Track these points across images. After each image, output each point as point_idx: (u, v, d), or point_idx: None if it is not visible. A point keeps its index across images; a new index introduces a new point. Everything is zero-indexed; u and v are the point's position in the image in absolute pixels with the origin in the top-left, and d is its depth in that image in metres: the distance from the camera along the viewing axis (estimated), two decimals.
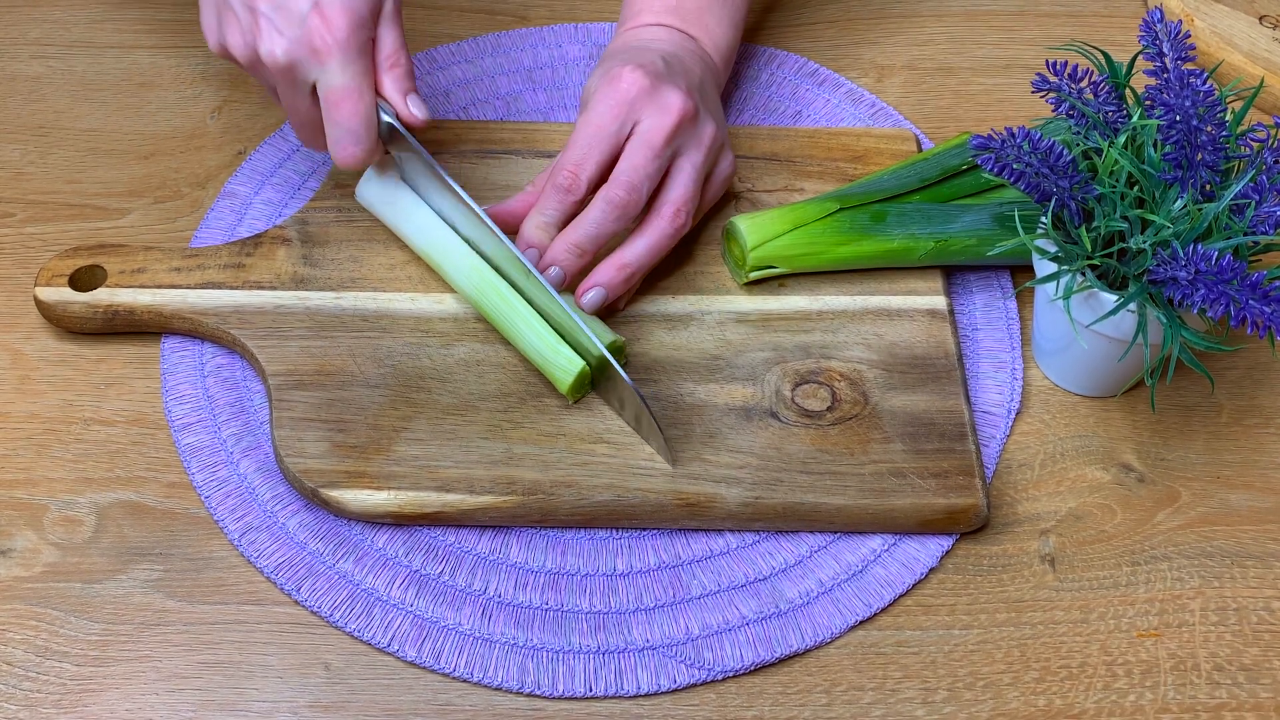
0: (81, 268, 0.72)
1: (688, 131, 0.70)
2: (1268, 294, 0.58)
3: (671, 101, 0.69)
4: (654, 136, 0.69)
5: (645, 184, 0.69)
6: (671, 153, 0.70)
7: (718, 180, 0.73)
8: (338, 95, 0.66)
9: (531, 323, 0.68)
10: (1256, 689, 0.62)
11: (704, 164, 0.71)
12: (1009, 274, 0.76)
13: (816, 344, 0.70)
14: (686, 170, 0.70)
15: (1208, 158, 0.63)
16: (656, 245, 0.69)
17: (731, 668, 0.62)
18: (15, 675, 0.61)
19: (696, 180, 0.70)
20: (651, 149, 0.69)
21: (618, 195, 0.68)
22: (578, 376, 0.66)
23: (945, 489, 0.65)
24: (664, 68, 0.71)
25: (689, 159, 0.70)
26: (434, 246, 0.71)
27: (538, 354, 0.67)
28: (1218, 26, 0.86)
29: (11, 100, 0.84)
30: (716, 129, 0.72)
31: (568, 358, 0.66)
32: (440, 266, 0.71)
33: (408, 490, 0.64)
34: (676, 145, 0.70)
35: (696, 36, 0.77)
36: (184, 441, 0.68)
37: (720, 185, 0.74)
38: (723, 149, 0.73)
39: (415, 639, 0.62)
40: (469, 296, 0.70)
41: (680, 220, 0.70)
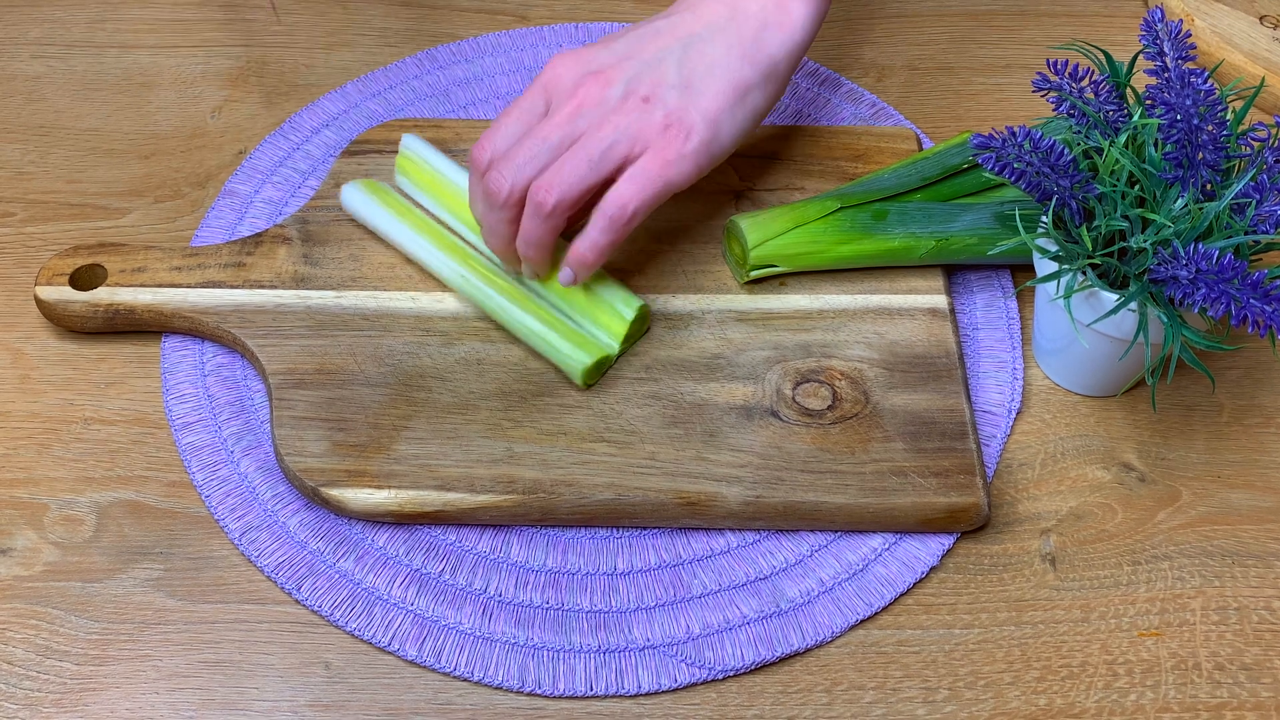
0: (82, 267, 0.72)
1: (588, 112, 0.66)
2: (1268, 293, 0.58)
3: (577, 83, 0.67)
4: (544, 125, 0.66)
5: (513, 174, 0.66)
6: (567, 134, 0.66)
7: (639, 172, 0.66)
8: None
9: (529, 321, 0.68)
10: (1258, 688, 0.62)
11: (600, 145, 0.66)
12: (1010, 273, 0.76)
13: (817, 343, 0.70)
14: (571, 150, 0.66)
15: (1208, 157, 0.63)
16: (526, 232, 0.67)
17: (732, 667, 0.62)
18: (15, 674, 0.61)
19: (581, 159, 0.65)
20: (536, 137, 0.66)
21: (487, 185, 0.66)
22: (585, 371, 0.67)
23: (946, 488, 0.65)
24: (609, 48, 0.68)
25: (581, 141, 0.66)
26: (424, 254, 0.72)
27: (544, 349, 0.68)
28: (1218, 26, 0.86)
29: (11, 100, 0.84)
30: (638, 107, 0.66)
31: (572, 353, 0.67)
32: (434, 274, 0.72)
33: (408, 489, 0.64)
34: (574, 128, 0.66)
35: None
36: (184, 441, 0.68)
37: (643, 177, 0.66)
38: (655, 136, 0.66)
39: (416, 638, 0.62)
40: (469, 298, 0.70)
41: (539, 199, 0.65)
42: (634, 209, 0.66)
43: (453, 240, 0.72)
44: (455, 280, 0.71)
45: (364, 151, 0.78)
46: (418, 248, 0.72)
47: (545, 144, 0.66)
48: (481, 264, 0.71)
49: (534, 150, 0.66)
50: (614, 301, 0.70)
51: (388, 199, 0.74)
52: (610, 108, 0.66)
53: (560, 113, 0.66)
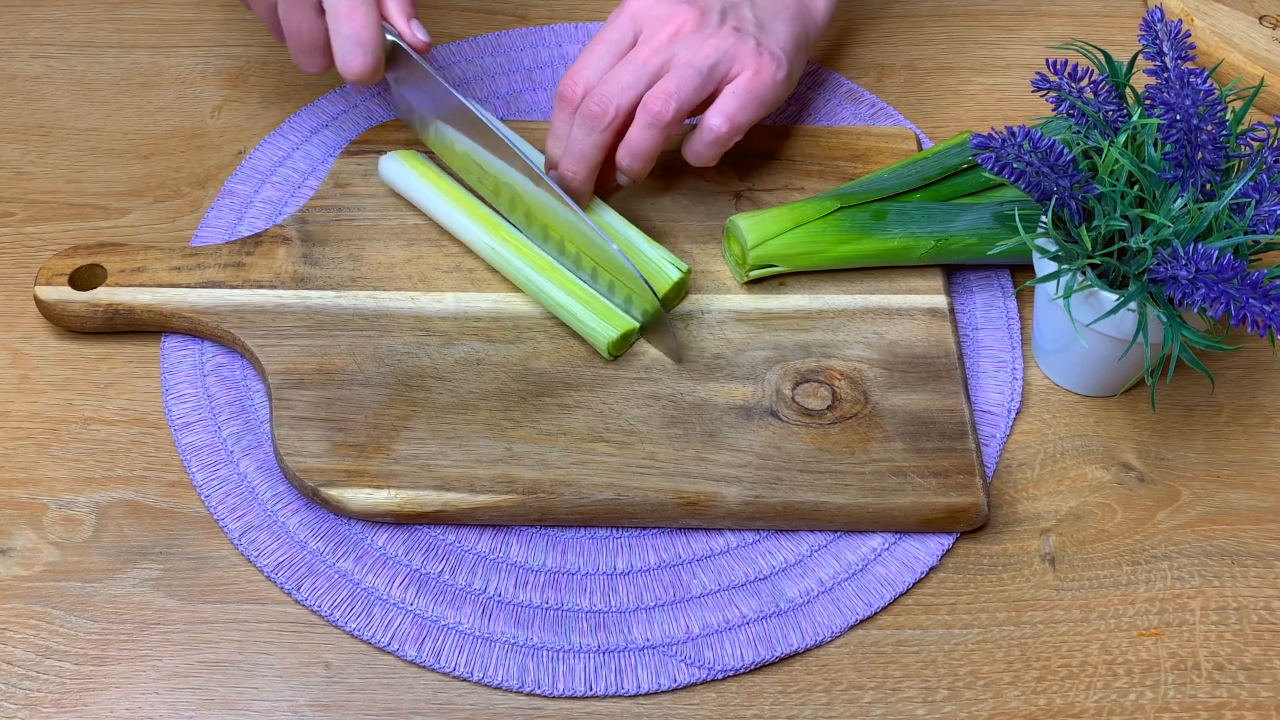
0: (81, 267, 0.72)
1: (685, 38, 0.70)
2: (1268, 293, 0.58)
3: (671, 12, 0.71)
4: (639, 51, 0.70)
5: (618, 95, 0.69)
6: (666, 58, 0.70)
7: (741, 89, 0.71)
8: (346, 6, 0.67)
9: (557, 294, 0.70)
10: (1257, 688, 0.62)
11: (706, 60, 0.70)
12: (1009, 273, 0.76)
13: (817, 343, 0.70)
14: (679, 65, 0.70)
15: (1208, 157, 0.63)
16: (637, 145, 0.69)
17: (732, 667, 0.62)
18: (15, 674, 0.61)
19: (692, 73, 0.69)
20: (636, 62, 0.69)
21: (589, 109, 0.69)
22: (611, 343, 0.69)
23: (946, 488, 0.65)
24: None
25: (685, 57, 0.70)
26: (457, 225, 0.73)
27: (571, 321, 0.70)
28: (1217, 26, 0.86)
29: (11, 100, 0.84)
30: (731, 34, 0.71)
31: (601, 327, 0.69)
32: (467, 244, 0.74)
33: (408, 489, 0.64)
34: (672, 51, 0.70)
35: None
36: (184, 441, 0.68)
37: (746, 94, 0.71)
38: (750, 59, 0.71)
39: (415, 638, 0.62)
40: (499, 270, 0.72)
41: (657, 107, 0.68)
42: (738, 123, 0.70)
43: (485, 212, 0.73)
44: (487, 252, 0.72)
45: (364, 151, 0.78)
46: (451, 219, 0.73)
47: (645, 68, 0.69)
48: (513, 236, 0.72)
49: (636, 74, 0.69)
50: (660, 262, 0.71)
51: (424, 170, 0.75)
52: (708, 34, 0.70)
53: (657, 38, 0.70)
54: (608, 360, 0.69)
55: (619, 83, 0.69)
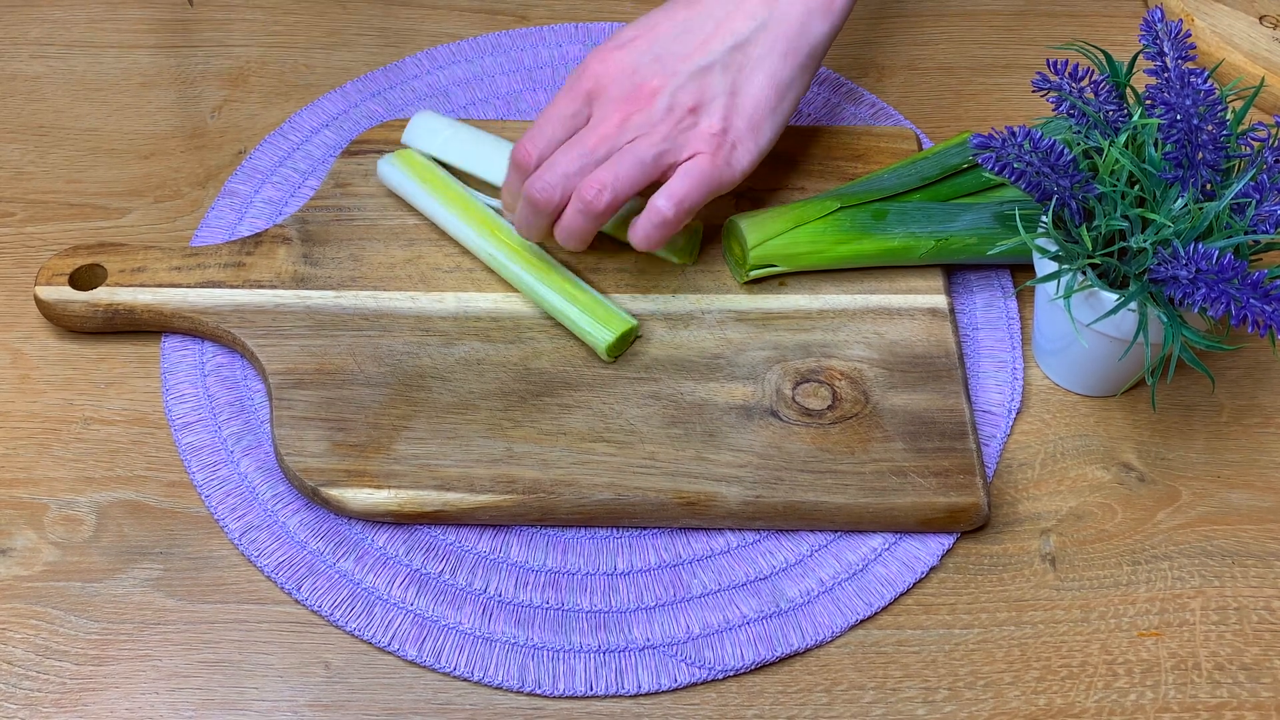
0: (81, 267, 0.72)
1: (636, 125, 0.67)
2: (1268, 293, 0.58)
3: (626, 93, 0.68)
4: (587, 136, 0.67)
5: (561, 183, 0.67)
6: (613, 146, 0.67)
7: (694, 170, 0.67)
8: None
9: (554, 298, 0.70)
10: (1257, 688, 0.62)
11: (651, 150, 0.67)
12: (1009, 273, 0.76)
13: (817, 343, 0.70)
14: (623, 152, 0.67)
15: (1208, 157, 0.63)
16: (569, 226, 0.67)
17: (732, 667, 0.62)
18: (15, 674, 0.61)
19: (633, 162, 0.66)
20: (582, 149, 0.67)
21: (532, 194, 0.67)
22: (609, 346, 0.69)
23: (946, 488, 0.65)
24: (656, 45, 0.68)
25: (632, 144, 0.67)
26: (454, 228, 0.74)
27: (569, 325, 0.70)
28: (1218, 26, 0.86)
29: (11, 100, 0.84)
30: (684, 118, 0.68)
31: (598, 331, 0.69)
32: (465, 246, 0.74)
33: (408, 489, 0.64)
34: (620, 139, 0.67)
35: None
36: (184, 441, 0.68)
37: (699, 176, 0.67)
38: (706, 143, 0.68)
39: (415, 638, 0.62)
40: (497, 272, 0.73)
41: (589, 197, 0.66)
42: (689, 204, 0.67)
43: (484, 214, 0.74)
44: (483, 256, 0.72)
45: (364, 151, 0.78)
46: (448, 223, 0.74)
47: (593, 155, 0.67)
48: (510, 238, 0.73)
49: (580, 162, 0.67)
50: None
51: (422, 171, 0.75)
52: (658, 118, 0.67)
53: (606, 124, 0.67)
54: (608, 361, 0.69)
55: (562, 170, 0.67)
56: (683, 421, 0.67)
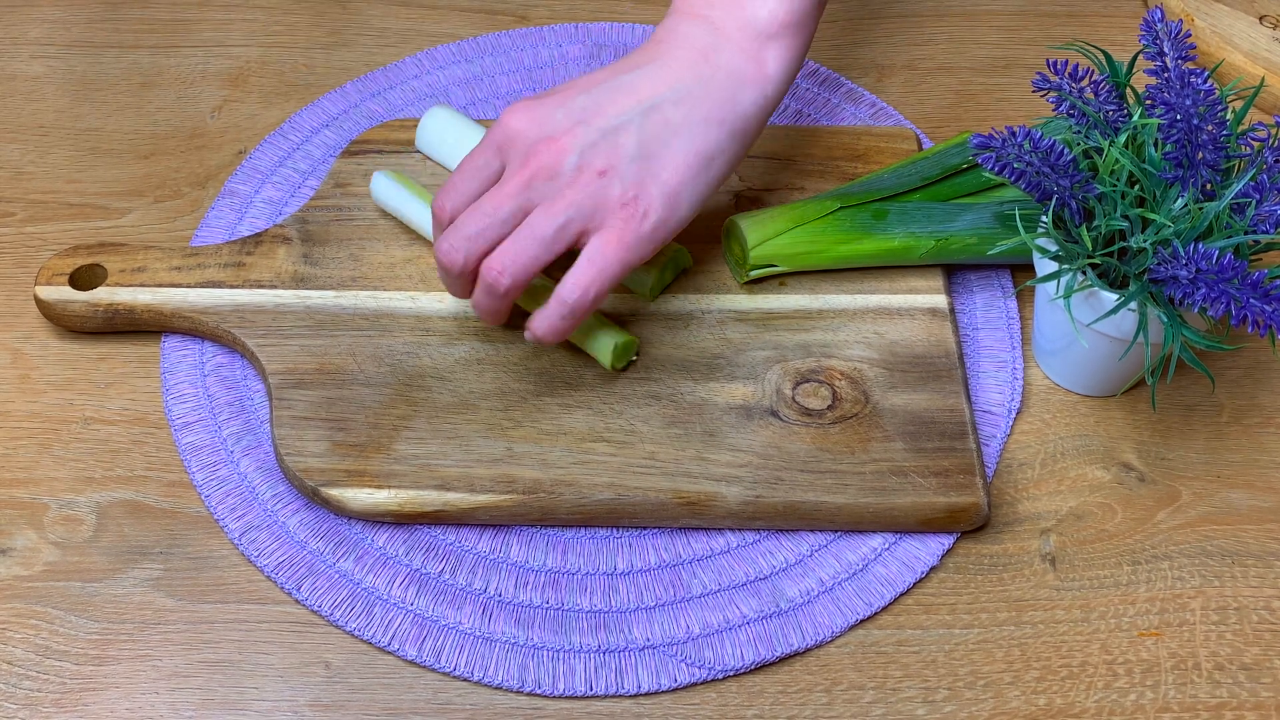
0: (81, 267, 0.72)
1: (541, 184, 0.64)
2: (1268, 293, 0.58)
3: (533, 148, 0.64)
4: (493, 194, 0.64)
5: (465, 245, 0.64)
6: (519, 205, 0.64)
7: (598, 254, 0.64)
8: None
9: None
10: (1258, 688, 0.62)
11: (552, 223, 0.63)
12: (1009, 273, 0.76)
13: (817, 343, 0.70)
14: (522, 228, 0.64)
15: (1208, 157, 0.63)
16: (479, 304, 0.66)
17: (732, 667, 0.62)
18: (15, 674, 0.61)
19: (532, 240, 0.63)
20: (485, 210, 0.64)
21: (441, 257, 0.65)
22: (612, 355, 0.68)
23: (946, 488, 0.65)
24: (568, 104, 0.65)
25: (533, 217, 0.64)
26: None
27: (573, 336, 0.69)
28: (1218, 26, 0.86)
29: (11, 100, 0.84)
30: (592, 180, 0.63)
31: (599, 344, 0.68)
32: None
33: (408, 489, 0.64)
34: (525, 199, 0.64)
35: (720, 19, 0.66)
36: (184, 441, 0.68)
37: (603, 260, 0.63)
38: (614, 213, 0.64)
39: (415, 638, 0.62)
40: None
41: (490, 280, 0.64)
42: (593, 295, 0.64)
43: None
44: None
45: (364, 151, 0.78)
46: None
47: (496, 216, 0.64)
48: None
49: (485, 222, 0.64)
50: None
51: (415, 189, 0.74)
52: (564, 180, 0.63)
53: (511, 182, 0.64)
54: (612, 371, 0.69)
55: (464, 232, 0.64)
56: (683, 421, 0.67)
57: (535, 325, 0.65)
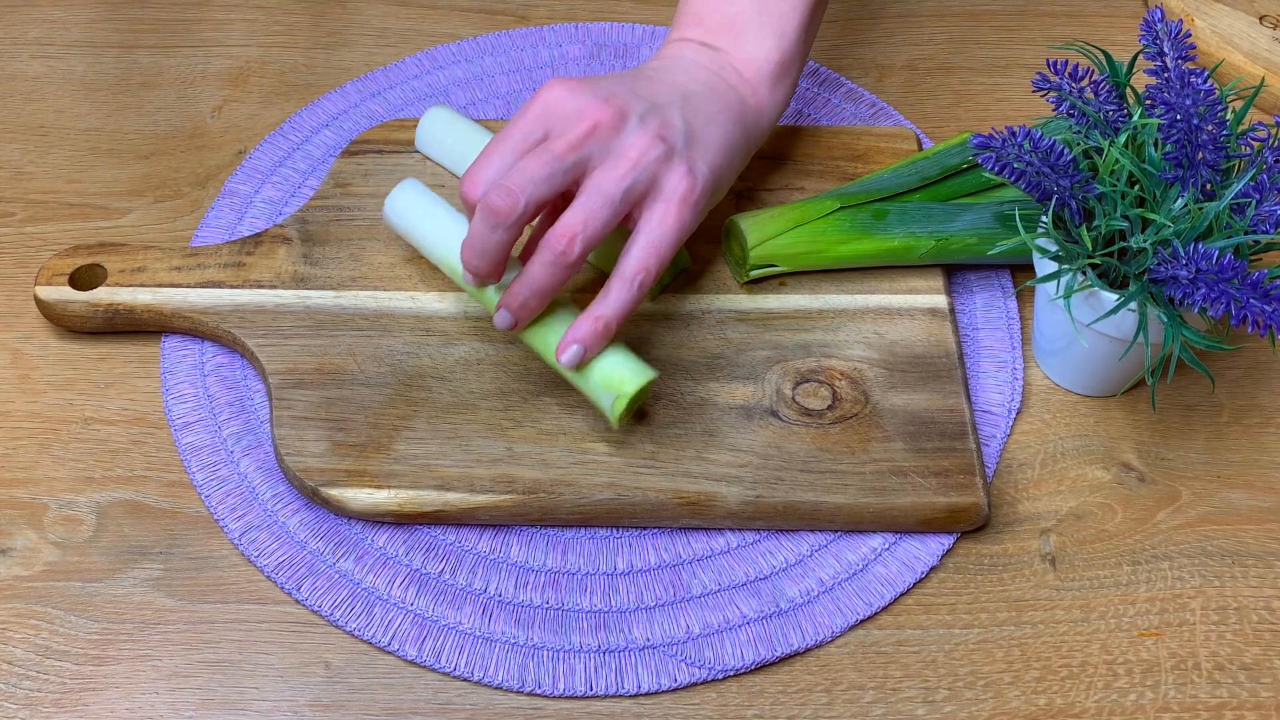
0: (81, 267, 0.72)
1: (601, 140, 0.62)
2: (1268, 293, 0.58)
3: (585, 106, 0.63)
4: (554, 143, 0.62)
5: (529, 188, 0.60)
6: (579, 157, 0.62)
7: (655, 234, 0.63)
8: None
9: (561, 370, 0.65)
10: (1258, 688, 0.62)
11: (621, 183, 0.62)
12: (1009, 273, 0.76)
13: (817, 343, 0.70)
14: (588, 191, 0.62)
15: (1208, 157, 0.63)
16: (535, 282, 0.62)
17: (732, 667, 0.62)
18: (15, 674, 0.61)
19: (601, 202, 0.61)
20: (549, 154, 0.61)
21: (493, 202, 0.60)
22: (619, 412, 0.64)
23: (946, 488, 0.65)
24: (609, 81, 0.65)
25: (598, 178, 0.62)
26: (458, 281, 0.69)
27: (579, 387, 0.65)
28: (1218, 26, 0.86)
29: (11, 100, 0.84)
30: (653, 144, 0.63)
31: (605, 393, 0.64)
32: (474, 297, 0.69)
33: (408, 489, 0.64)
34: (588, 151, 0.62)
35: (724, 49, 0.70)
36: (184, 441, 0.68)
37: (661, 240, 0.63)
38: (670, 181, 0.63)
39: (415, 638, 0.62)
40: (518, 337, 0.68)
41: (561, 248, 0.61)
42: (656, 272, 0.63)
43: None
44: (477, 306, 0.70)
45: (364, 151, 0.78)
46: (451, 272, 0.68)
47: (561, 163, 0.61)
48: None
49: (551, 168, 0.61)
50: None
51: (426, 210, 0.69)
52: (628, 136, 0.63)
53: (573, 132, 0.62)
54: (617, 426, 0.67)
55: (529, 174, 0.60)
56: (683, 421, 0.67)
57: (601, 311, 0.62)
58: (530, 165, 0.61)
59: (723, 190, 0.68)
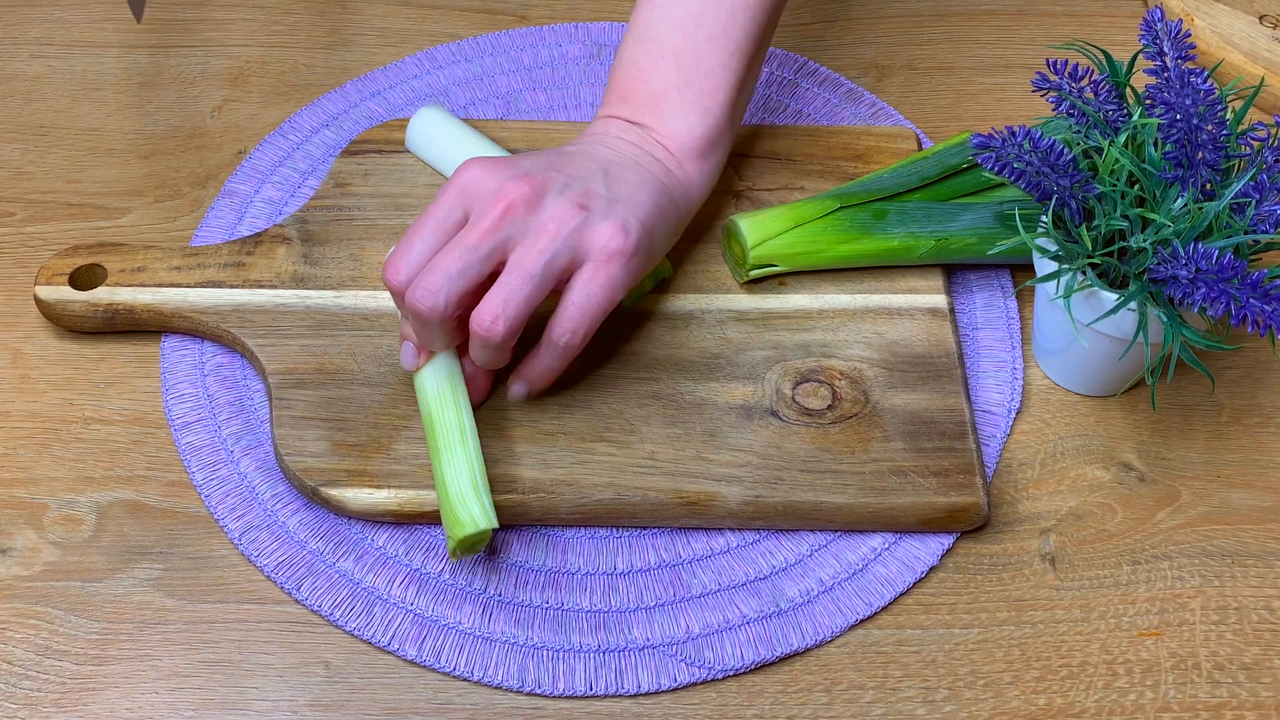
0: (81, 267, 0.72)
1: (518, 219, 0.62)
2: (1268, 292, 0.58)
3: (501, 187, 0.62)
4: (468, 233, 0.62)
5: (446, 286, 0.61)
6: (498, 241, 0.62)
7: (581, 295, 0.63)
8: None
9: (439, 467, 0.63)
10: (1257, 688, 0.62)
11: (541, 258, 0.61)
12: (1009, 273, 0.76)
13: (817, 342, 0.70)
14: (509, 269, 0.62)
15: (1208, 156, 0.63)
16: (478, 358, 0.64)
17: (732, 666, 0.62)
18: (15, 674, 0.61)
19: (521, 280, 0.61)
20: (463, 246, 0.61)
21: (416, 304, 0.61)
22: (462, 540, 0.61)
23: (946, 487, 0.65)
24: (529, 159, 0.65)
25: (518, 254, 0.62)
26: None
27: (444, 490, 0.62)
28: (1218, 26, 0.86)
29: (11, 100, 0.84)
30: (573, 213, 0.62)
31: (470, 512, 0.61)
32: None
33: (408, 489, 0.64)
34: (505, 234, 0.62)
35: (649, 125, 0.69)
36: (184, 440, 0.68)
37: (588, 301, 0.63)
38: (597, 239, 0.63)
39: (415, 638, 0.62)
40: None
41: (484, 331, 0.61)
42: (584, 335, 0.64)
43: None
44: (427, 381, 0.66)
45: (364, 151, 0.78)
46: None
47: (477, 252, 0.61)
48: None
49: (465, 260, 0.61)
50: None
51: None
52: (546, 210, 0.62)
53: (488, 218, 0.62)
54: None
55: (445, 271, 0.61)
56: (683, 421, 0.67)
57: (528, 373, 0.65)
58: (446, 261, 0.61)
59: (656, 257, 0.67)
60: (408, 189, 0.77)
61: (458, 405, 0.64)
